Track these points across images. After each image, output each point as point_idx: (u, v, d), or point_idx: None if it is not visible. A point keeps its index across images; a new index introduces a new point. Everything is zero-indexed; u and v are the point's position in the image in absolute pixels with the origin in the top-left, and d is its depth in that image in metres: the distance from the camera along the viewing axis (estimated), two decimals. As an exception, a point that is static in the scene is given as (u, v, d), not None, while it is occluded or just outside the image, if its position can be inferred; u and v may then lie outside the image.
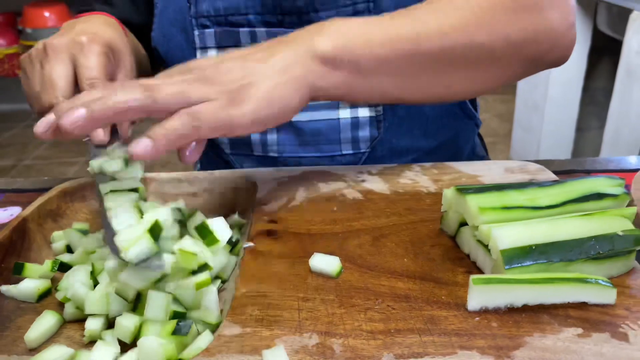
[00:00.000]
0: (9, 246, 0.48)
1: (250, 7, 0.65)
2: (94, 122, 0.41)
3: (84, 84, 0.52)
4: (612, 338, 0.35)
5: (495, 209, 0.41)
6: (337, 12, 0.62)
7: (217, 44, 0.67)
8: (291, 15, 0.64)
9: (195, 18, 0.67)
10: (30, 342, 0.40)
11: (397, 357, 0.34)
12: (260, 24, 0.65)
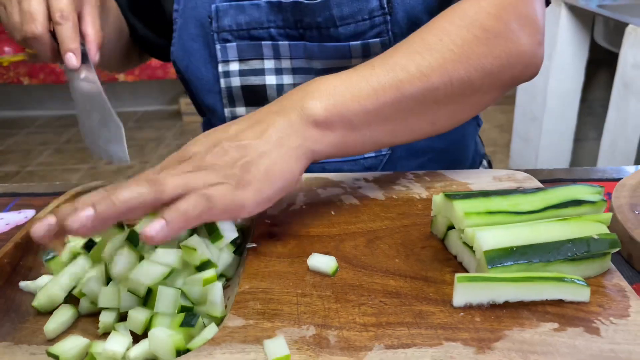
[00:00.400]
0: (26, 245, 0.51)
1: (272, 21, 0.67)
2: (102, 222, 0.40)
3: (55, 14, 0.57)
4: (585, 332, 0.38)
5: (479, 214, 0.44)
6: (355, 27, 0.65)
7: (239, 57, 0.70)
8: (311, 29, 0.66)
9: (217, 33, 0.69)
10: (49, 332, 0.43)
11: (387, 347, 0.37)
12: (282, 37, 0.68)
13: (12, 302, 0.46)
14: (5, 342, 0.43)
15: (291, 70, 0.70)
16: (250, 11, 0.68)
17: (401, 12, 0.65)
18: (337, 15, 0.64)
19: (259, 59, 0.70)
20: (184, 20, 0.71)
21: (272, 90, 0.71)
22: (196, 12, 0.70)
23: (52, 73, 3.18)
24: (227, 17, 0.68)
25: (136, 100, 3.79)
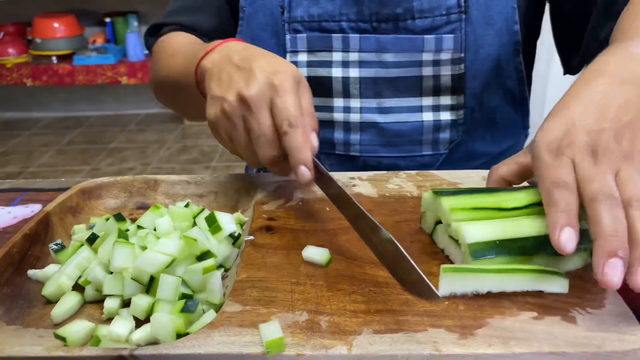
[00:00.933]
0: (34, 236, 0.54)
1: (344, 14, 0.70)
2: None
3: (283, 124, 0.52)
4: (562, 320, 0.41)
5: (464, 209, 0.47)
6: (432, 21, 0.69)
7: (308, 48, 0.72)
8: (387, 22, 0.70)
9: (288, 23, 0.72)
10: (55, 317, 0.45)
11: (375, 332, 0.40)
12: (352, 31, 0.71)
13: (21, 289, 0.49)
14: (15, 325, 0.45)
15: (358, 63, 0.72)
16: (324, 3, 0.71)
17: (476, 11, 0.69)
18: (417, 8, 0.68)
19: (328, 51, 0.72)
20: (254, 9, 0.73)
21: (337, 82, 0.73)
22: (267, 1, 0.73)
23: (55, 75, 3.21)
24: (300, 8, 0.71)
25: (138, 103, 3.81)
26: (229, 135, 0.55)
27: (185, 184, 0.65)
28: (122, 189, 0.64)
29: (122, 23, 3.40)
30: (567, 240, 0.40)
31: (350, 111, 0.75)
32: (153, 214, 0.53)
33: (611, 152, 0.42)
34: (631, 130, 0.43)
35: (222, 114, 0.54)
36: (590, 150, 0.42)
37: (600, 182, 0.40)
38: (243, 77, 0.54)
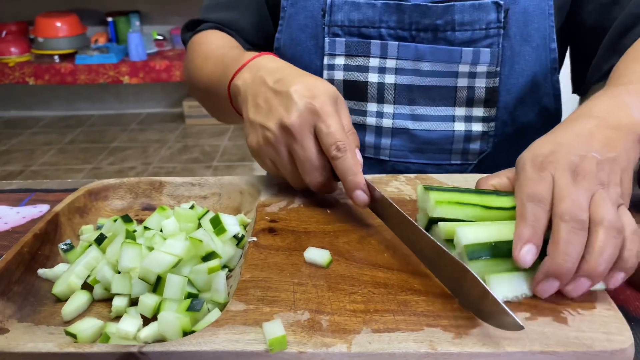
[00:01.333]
0: (44, 236, 0.55)
1: (384, 21, 0.72)
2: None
3: (331, 149, 0.53)
4: (554, 321, 0.42)
5: (450, 203, 0.48)
6: (471, 34, 0.71)
7: (346, 52, 0.74)
8: (427, 32, 0.71)
9: (328, 26, 0.73)
10: (66, 315, 0.47)
11: (374, 331, 0.41)
12: (391, 38, 0.72)
13: (32, 287, 0.51)
14: (26, 322, 0.47)
15: (394, 70, 0.74)
16: (365, 9, 0.72)
17: (514, 28, 0.71)
18: (458, 20, 0.70)
19: (365, 57, 0.74)
20: (295, 10, 0.75)
21: (372, 87, 0.75)
22: (309, 3, 0.74)
23: (57, 74, 3.23)
24: (341, 12, 0.73)
25: (140, 102, 3.83)
26: (273, 162, 0.57)
27: (189, 186, 0.66)
28: (128, 190, 0.66)
29: (124, 22, 3.42)
30: (525, 255, 0.43)
31: (383, 116, 0.76)
32: (159, 216, 0.55)
33: (591, 176, 0.44)
34: (612, 165, 0.46)
35: (265, 142, 0.55)
36: (571, 170, 0.45)
37: (572, 201, 0.43)
38: (282, 104, 0.54)
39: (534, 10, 0.71)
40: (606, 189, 0.44)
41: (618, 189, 0.45)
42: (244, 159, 3.01)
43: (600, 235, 0.42)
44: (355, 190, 0.53)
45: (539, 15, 0.71)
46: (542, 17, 0.71)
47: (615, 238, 0.42)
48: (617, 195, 0.45)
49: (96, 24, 3.57)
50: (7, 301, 0.47)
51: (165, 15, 3.56)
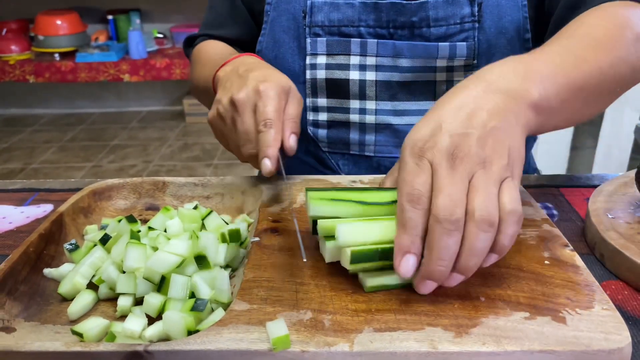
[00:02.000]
0: (49, 236, 0.56)
1: (363, 20, 0.74)
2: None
3: (260, 124, 0.59)
4: (552, 321, 0.43)
5: (324, 200, 0.48)
6: (446, 29, 0.72)
7: (328, 51, 0.76)
8: (403, 29, 0.73)
9: (309, 27, 0.75)
10: (71, 314, 0.48)
11: (376, 331, 0.42)
12: (370, 36, 0.74)
13: (38, 287, 0.51)
14: (33, 322, 0.47)
15: (375, 67, 0.75)
16: (344, 9, 0.74)
17: (489, 21, 0.72)
18: (433, 16, 0.72)
19: (346, 55, 0.76)
20: (277, 13, 0.77)
21: (354, 84, 0.76)
22: (290, 6, 0.76)
23: (58, 72, 3.23)
24: (321, 13, 0.75)
25: (140, 101, 3.84)
26: (221, 132, 0.65)
27: (192, 186, 0.67)
28: (132, 190, 0.66)
29: (124, 20, 3.42)
30: (405, 266, 0.43)
31: (365, 112, 0.78)
32: (163, 216, 0.56)
33: (469, 157, 0.43)
34: (494, 136, 0.45)
35: (217, 115, 0.64)
36: (450, 154, 0.44)
37: (447, 196, 0.42)
38: (238, 85, 0.62)
39: (507, 2, 0.72)
40: (487, 168, 0.43)
41: (503, 161, 0.44)
42: (244, 157, 3.01)
43: (471, 231, 0.42)
44: (263, 158, 0.59)
45: (512, 7, 0.72)
46: (516, 8, 0.72)
47: (486, 232, 0.42)
48: (501, 170, 0.44)
49: (97, 22, 3.58)
50: (13, 300, 0.48)
51: (166, 13, 3.57)
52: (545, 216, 0.58)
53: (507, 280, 0.48)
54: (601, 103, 0.59)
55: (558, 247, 0.53)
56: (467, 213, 0.42)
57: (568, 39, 0.57)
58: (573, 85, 0.52)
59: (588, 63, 0.54)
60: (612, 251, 0.54)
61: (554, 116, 0.51)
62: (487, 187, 0.43)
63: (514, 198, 0.43)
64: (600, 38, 0.57)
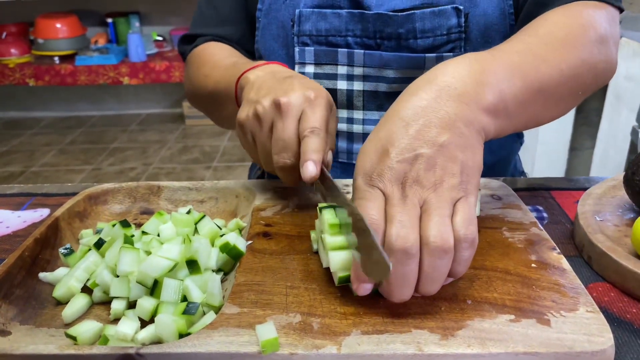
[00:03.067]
0: (45, 240, 0.57)
1: (350, 30, 0.74)
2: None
3: (306, 130, 0.55)
4: (537, 323, 0.44)
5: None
6: (433, 40, 0.72)
7: (315, 61, 0.76)
8: (390, 40, 0.73)
9: (297, 36, 0.75)
10: (66, 318, 0.48)
11: (363, 333, 0.43)
12: (358, 46, 0.74)
13: (33, 290, 0.52)
14: (28, 325, 0.48)
15: (362, 77, 0.76)
16: (332, 19, 0.74)
17: (475, 31, 0.72)
18: (419, 28, 0.71)
19: (334, 65, 0.76)
20: (268, 20, 0.77)
21: (342, 94, 0.77)
22: (280, 14, 0.76)
23: (57, 75, 3.24)
24: (309, 22, 0.74)
25: (140, 103, 3.85)
26: (254, 135, 0.59)
27: (186, 190, 0.68)
28: (127, 194, 0.67)
29: (124, 23, 3.44)
30: (362, 292, 0.44)
31: (353, 122, 0.78)
32: (157, 220, 0.56)
33: (419, 182, 0.43)
34: (444, 154, 0.44)
35: (254, 115, 0.58)
36: (399, 182, 0.43)
37: (399, 225, 0.42)
38: (283, 89, 0.57)
39: (493, 11, 0.72)
40: (438, 191, 0.43)
41: (454, 180, 0.43)
42: (243, 159, 3.03)
43: (426, 260, 0.42)
44: (307, 161, 0.53)
45: (498, 17, 0.72)
46: (502, 17, 0.72)
47: (441, 259, 0.42)
48: (453, 190, 0.43)
49: (96, 25, 3.59)
50: (9, 304, 0.49)
51: (165, 16, 3.58)
52: (533, 219, 0.59)
53: (494, 283, 0.49)
54: (562, 105, 0.58)
55: (545, 250, 0.53)
56: (421, 240, 0.42)
57: (530, 37, 0.56)
58: (531, 87, 0.51)
59: (548, 63, 0.53)
60: (599, 253, 0.55)
61: (512, 119, 0.50)
62: (439, 212, 0.42)
63: (466, 220, 0.43)
64: (563, 38, 0.56)
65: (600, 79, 0.60)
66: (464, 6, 0.71)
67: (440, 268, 0.42)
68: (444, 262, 0.42)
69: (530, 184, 0.75)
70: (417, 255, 0.42)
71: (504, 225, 0.58)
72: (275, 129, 0.56)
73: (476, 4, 0.72)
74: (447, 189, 0.43)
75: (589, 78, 0.57)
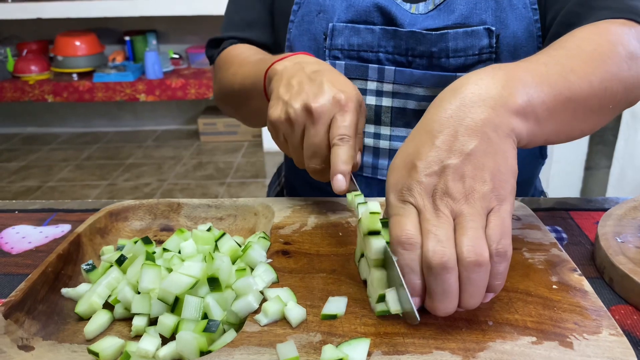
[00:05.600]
0: (67, 256, 0.58)
1: (382, 46, 0.74)
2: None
3: (335, 138, 0.56)
4: (559, 346, 0.44)
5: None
6: (465, 60, 0.72)
7: (346, 75, 0.76)
8: (422, 58, 0.73)
9: (329, 49, 0.76)
10: (88, 334, 0.49)
11: (384, 354, 0.43)
12: (389, 62, 0.75)
13: (56, 306, 0.53)
14: (50, 341, 0.49)
15: (391, 94, 0.76)
16: (365, 34, 0.75)
17: (505, 52, 0.73)
18: (452, 47, 0.72)
19: (363, 80, 0.76)
20: (299, 32, 0.78)
21: (370, 110, 0.77)
22: (312, 26, 0.77)
23: (75, 91, 3.30)
24: (342, 36, 0.75)
25: (156, 120, 3.89)
26: (286, 136, 0.61)
27: (206, 207, 0.68)
28: (147, 211, 0.68)
29: (141, 41, 3.49)
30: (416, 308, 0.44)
31: (380, 137, 0.78)
32: (178, 238, 0.57)
33: (449, 194, 0.43)
34: (473, 162, 0.44)
35: (286, 118, 0.59)
36: (429, 195, 0.44)
37: (434, 242, 0.42)
38: (312, 90, 0.58)
39: (522, 33, 0.73)
40: (470, 202, 0.43)
41: (485, 188, 0.43)
42: (257, 175, 3.04)
43: (463, 275, 0.42)
44: (337, 174, 0.55)
45: (527, 38, 0.73)
46: (531, 39, 0.73)
47: (476, 273, 0.42)
48: (485, 199, 0.43)
49: (114, 43, 3.65)
50: (32, 319, 0.49)
51: (182, 34, 3.63)
52: (553, 240, 0.59)
53: (515, 304, 0.48)
54: (592, 118, 0.57)
55: (566, 271, 0.53)
56: (457, 255, 0.42)
57: (556, 50, 0.56)
58: (560, 95, 0.50)
59: (576, 74, 0.52)
60: (621, 275, 0.54)
61: (542, 125, 0.50)
62: (472, 225, 0.43)
63: (498, 233, 0.43)
64: (591, 52, 0.56)
65: (632, 95, 0.59)
66: (495, 27, 0.72)
67: (477, 282, 0.43)
68: (480, 275, 0.42)
69: (549, 204, 0.74)
70: (455, 269, 0.42)
71: (524, 246, 0.57)
72: (307, 134, 0.58)
73: (506, 26, 0.72)
74: (479, 198, 0.43)
75: (619, 92, 0.56)
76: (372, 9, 0.74)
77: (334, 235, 0.60)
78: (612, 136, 2.46)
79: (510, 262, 0.44)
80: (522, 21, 0.72)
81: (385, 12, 0.74)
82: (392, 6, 0.74)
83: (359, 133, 0.60)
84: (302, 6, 0.78)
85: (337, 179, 0.55)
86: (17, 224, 0.72)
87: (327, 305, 0.48)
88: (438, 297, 0.43)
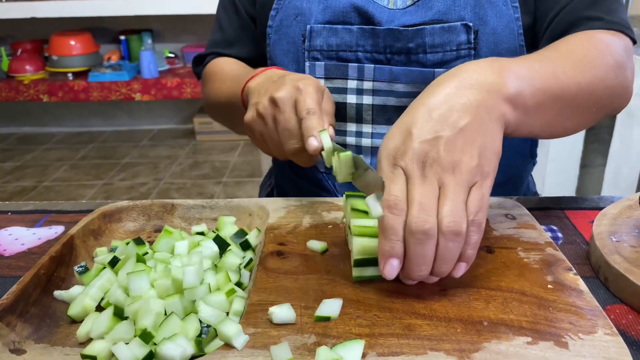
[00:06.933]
0: (60, 259, 0.57)
1: (360, 45, 0.75)
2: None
3: (302, 113, 0.60)
4: (555, 346, 0.43)
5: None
6: (442, 55, 0.73)
7: (326, 75, 0.77)
8: (400, 54, 0.74)
9: (308, 51, 0.77)
10: (81, 336, 0.48)
11: (379, 355, 0.42)
12: (368, 61, 0.76)
13: (48, 309, 0.52)
14: (42, 344, 0.48)
15: (372, 91, 0.76)
16: (343, 34, 0.75)
17: (485, 48, 0.73)
18: (429, 43, 0.73)
19: (343, 79, 0.77)
20: (278, 36, 0.79)
21: (351, 108, 0.78)
22: (290, 30, 0.78)
23: (71, 91, 3.28)
24: (320, 37, 0.76)
25: (152, 119, 3.88)
26: (261, 133, 0.65)
27: (200, 208, 0.68)
28: (141, 212, 0.67)
29: (136, 41, 3.48)
30: (390, 270, 0.47)
31: (362, 136, 0.79)
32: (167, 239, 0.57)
33: (438, 162, 0.46)
34: (464, 137, 0.47)
35: (257, 115, 0.64)
36: (420, 161, 0.47)
37: (418, 206, 0.45)
38: (276, 86, 0.63)
39: (502, 30, 0.73)
40: (456, 172, 0.46)
41: (472, 162, 0.47)
42: (253, 174, 3.04)
43: (440, 242, 0.46)
44: (309, 138, 0.59)
45: (508, 35, 0.73)
46: (512, 36, 0.73)
47: (454, 242, 0.45)
48: (470, 173, 0.46)
49: (109, 42, 3.64)
50: (24, 322, 0.49)
51: (177, 33, 3.62)
52: (549, 239, 0.58)
53: (510, 304, 0.48)
54: (576, 118, 0.61)
55: (561, 271, 0.53)
56: (438, 222, 0.45)
57: (550, 52, 0.60)
58: (549, 91, 0.54)
59: (566, 75, 0.56)
60: (616, 275, 0.54)
61: (529, 116, 0.53)
62: (455, 195, 0.46)
63: (478, 206, 0.46)
64: (582, 57, 0.60)
65: (616, 101, 0.63)
66: (473, 23, 0.72)
67: (452, 250, 0.46)
68: (455, 244, 0.46)
69: (544, 203, 0.74)
70: (434, 236, 0.45)
71: (519, 246, 0.57)
72: (277, 122, 0.62)
73: (485, 22, 0.72)
74: (466, 171, 0.46)
75: (604, 97, 0.60)
76: (349, 9, 0.75)
77: (329, 236, 0.60)
78: (608, 134, 2.46)
79: (492, 266, 0.49)
80: (502, 18, 0.73)
81: (362, 12, 0.75)
82: (369, 5, 0.75)
83: (327, 111, 0.63)
84: (279, 11, 0.79)
85: (309, 141, 0.59)
86: (9, 226, 0.71)
87: (321, 307, 0.48)
88: (415, 261, 0.46)
